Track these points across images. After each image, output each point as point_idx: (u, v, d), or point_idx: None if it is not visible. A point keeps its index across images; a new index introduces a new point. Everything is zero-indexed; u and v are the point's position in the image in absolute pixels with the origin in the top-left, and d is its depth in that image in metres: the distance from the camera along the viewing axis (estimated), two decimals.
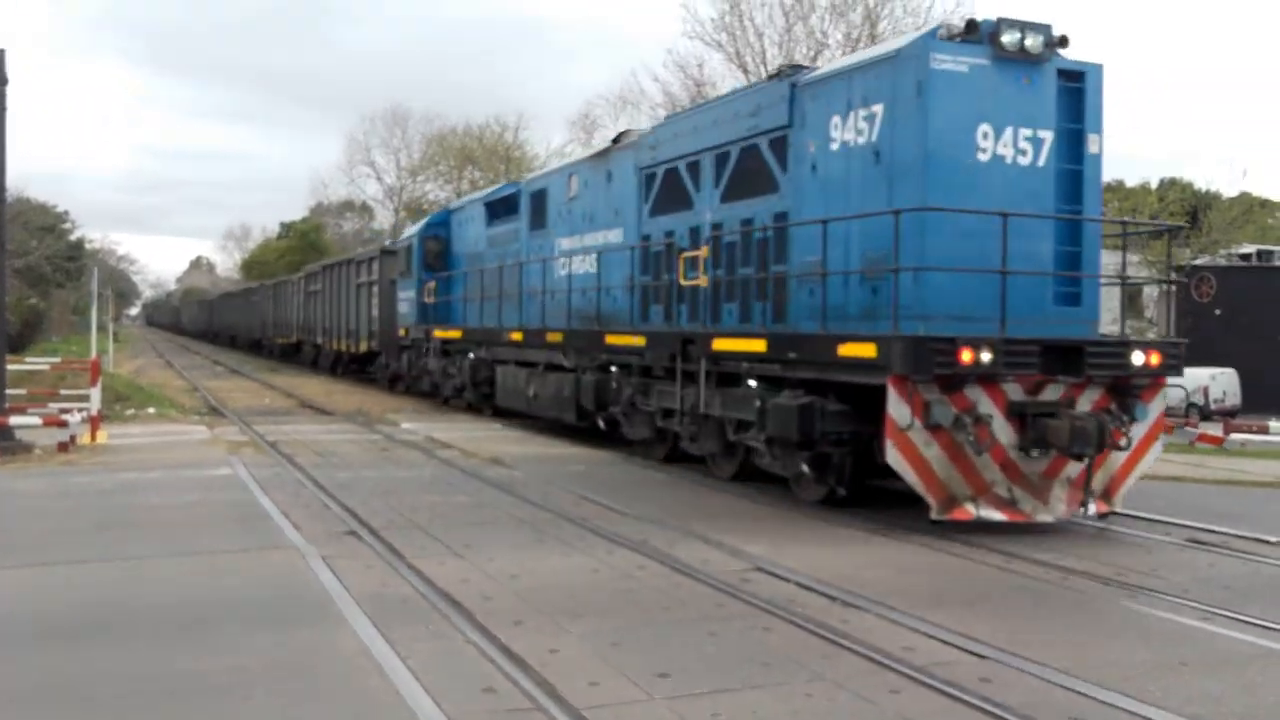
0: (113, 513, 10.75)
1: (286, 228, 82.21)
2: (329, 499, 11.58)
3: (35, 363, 23.32)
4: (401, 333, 26.45)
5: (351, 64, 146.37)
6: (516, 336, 18.77)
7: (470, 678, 5.85)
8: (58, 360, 26.58)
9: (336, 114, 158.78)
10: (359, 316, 31.65)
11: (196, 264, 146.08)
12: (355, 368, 33.79)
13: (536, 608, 7.22)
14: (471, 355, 21.46)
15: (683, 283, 13.73)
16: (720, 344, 12.33)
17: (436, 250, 24.52)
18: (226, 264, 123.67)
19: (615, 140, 16.56)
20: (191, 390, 30.45)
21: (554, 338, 17.12)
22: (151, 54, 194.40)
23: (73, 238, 61.89)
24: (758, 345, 11.56)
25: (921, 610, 7.22)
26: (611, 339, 15.15)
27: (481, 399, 21.52)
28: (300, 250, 71.73)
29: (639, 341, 14.32)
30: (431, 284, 23.99)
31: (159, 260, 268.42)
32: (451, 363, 22.95)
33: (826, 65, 12.71)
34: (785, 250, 12.04)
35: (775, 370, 11.34)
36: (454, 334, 22.61)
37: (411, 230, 27.11)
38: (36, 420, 15.95)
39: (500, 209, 21.37)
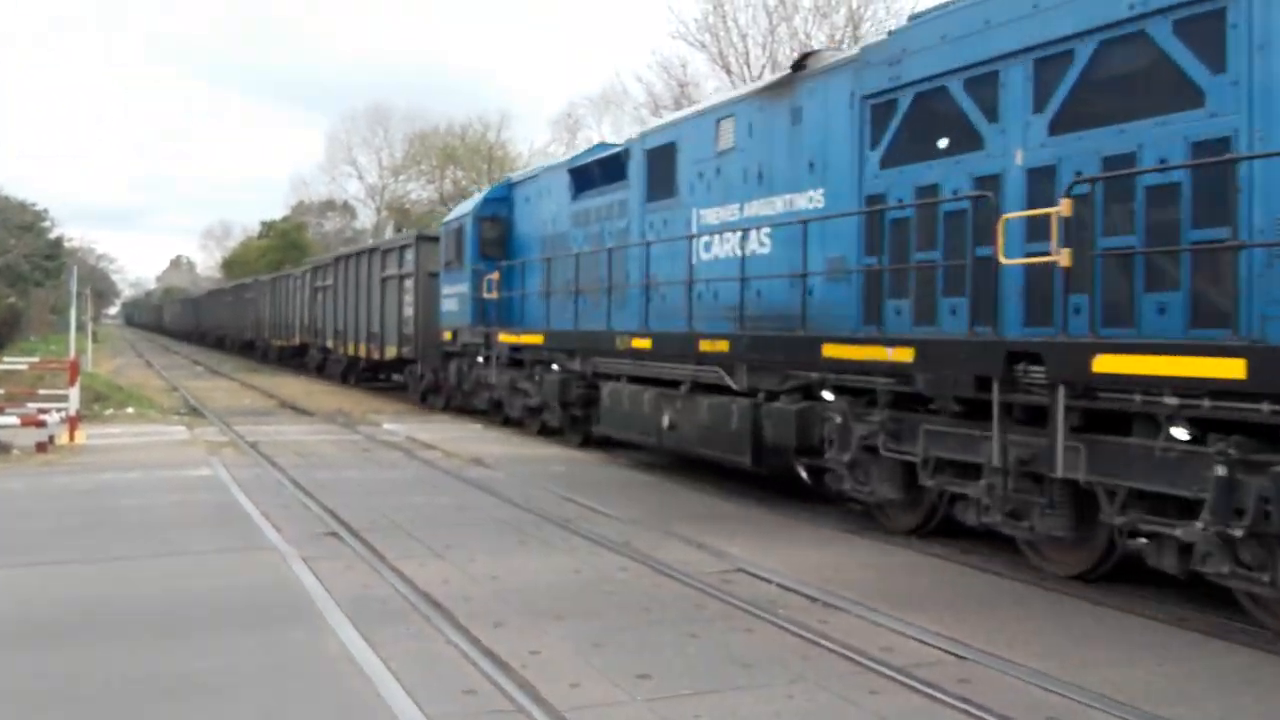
0: (92, 514, 10.70)
1: (267, 227, 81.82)
2: (310, 500, 11.56)
3: (13, 362, 23.16)
4: (446, 336, 21.64)
5: (333, 61, 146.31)
6: (641, 344, 13.78)
7: (451, 679, 5.85)
8: (36, 360, 26.45)
9: (318, 112, 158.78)
10: (385, 316, 26.85)
11: (176, 263, 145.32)
12: (368, 375, 29.93)
13: (518, 609, 7.23)
14: (556, 367, 16.89)
15: (1003, 261, 8.32)
16: (1112, 363, 7.25)
17: (496, 234, 19.68)
18: (207, 263, 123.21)
19: (797, 65, 11.65)
20: (171, 390, 30.30)
21: (713, 347, 12.08)
22: (134, 51, 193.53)
23: (51, 236, 61.53)
24: (1225, 368, 6.59)
25: (901, 611, 7.25)
26: (835, 351, 10.03)
27: (571, 424, 16.77)
28: (281, 249, 71.39)
29: (901, 356, 9.17)
30: (493, 275, 18.96)
31: (138, 259, 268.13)
32: (524, 375, 18.06)
33: None
34: (1226, 203, 7.24)
35: (1262, 414, 6.54)
36: (531, 338, 17.42)
37: (462, 209, 22.01)
38: (14, 420, 15.84)
39: (595, 175, 16.58)
